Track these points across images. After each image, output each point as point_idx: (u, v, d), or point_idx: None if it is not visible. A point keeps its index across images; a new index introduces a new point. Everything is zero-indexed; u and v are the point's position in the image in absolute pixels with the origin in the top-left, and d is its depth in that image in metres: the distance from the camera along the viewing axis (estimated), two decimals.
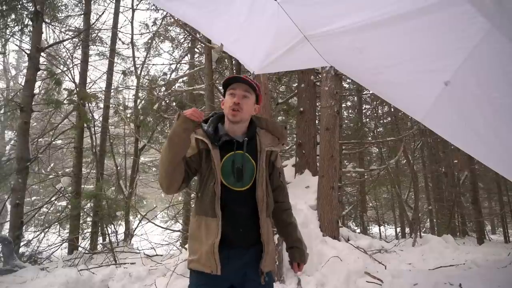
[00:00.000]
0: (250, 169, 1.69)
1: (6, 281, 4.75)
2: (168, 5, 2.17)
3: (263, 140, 1.76)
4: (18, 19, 7.06)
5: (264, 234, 1.66)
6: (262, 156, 1.72)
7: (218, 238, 1.59)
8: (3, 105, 7.36)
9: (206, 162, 1.69)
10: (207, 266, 1.60)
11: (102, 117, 8.92)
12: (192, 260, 1.67)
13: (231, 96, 1.72)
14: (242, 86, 1.73)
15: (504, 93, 1.74)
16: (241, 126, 1.75)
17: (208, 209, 1.63)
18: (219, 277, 1.60)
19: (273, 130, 1.82)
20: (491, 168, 2.36)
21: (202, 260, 1.62)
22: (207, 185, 1.66)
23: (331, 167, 5.59)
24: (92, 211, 7.64)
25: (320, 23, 2.00)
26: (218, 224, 1.61)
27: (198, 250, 1.64)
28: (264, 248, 1.66)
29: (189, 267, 1.70)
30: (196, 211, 1.72)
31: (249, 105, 1.73)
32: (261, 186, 1.68)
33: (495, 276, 4.29)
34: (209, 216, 1.63)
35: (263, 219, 1.67)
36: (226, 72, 8.30)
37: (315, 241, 4.95)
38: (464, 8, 1.47)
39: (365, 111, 12.22)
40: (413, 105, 2.32)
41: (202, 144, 1.71)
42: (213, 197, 1.63)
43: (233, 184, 1.66)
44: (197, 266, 1.64)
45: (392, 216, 15.19)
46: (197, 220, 1.68)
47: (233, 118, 1.70)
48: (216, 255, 1.58)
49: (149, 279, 4.65)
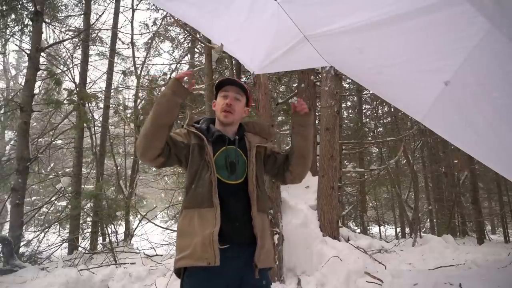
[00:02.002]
0: (242, 163, 1.71)
1: (6, 281, 4.75)
2: (168, 5, 2.17)
3: (251, 139, 1.81)
4: (18, 19, 7.06)
5: (257, 227, 1.61)
6: (252, 152, 1.75)
7: (217, 227, 1.52)
8: (3, 105, 7.36)
9: (199, 155, 1.67)
10: (203, 259, 1.49)
11: (102, 117, 8.92)
12: (181, 258, 1.55)
13: (223, 98, 1.77)
14: (234, 88, 1.78)
15: (504, 93, 1.74)
16: (232, 128, 1.79)
17: (204, 199, 1.58)
18: (215, 275, 1.51)
19: (260, 131, 1.87)
20: (491, 168, 2.36)
21: (196, 254, 1.51)
22: (201, 176, 1.63)
23: (331, 167, 5.59)
24: (92, 211, 7.65)
25: (320, 23, 2.00)
26: (216, 213, 1.54)
27: (189, 245, 1.54)
28: (258, 242, 1.59)
29: (178, 266, 1.58)
30: (186, 206, 1.64)
31: (240, 108, 1.79)
32: (251, 180, 1.68)
33: (495, 276, 4.29)
34: (204, 207, 1.57)
35: (255, 212, 1.63)
36: (226, 72, 8.30)
37: (315, 241, 4.95)
38: (463, 8, 1.46)
39: (365, 111, 12.23)
40: (413, 105, 2.32)
41: (195, 139, 1.71)
42: (210, 186, 1.59)
43: (227, 177, 1.66)
44: (189, 262, 1.52)
45: (392, 216, 15.18)
46: (187, 214, 1.61)
47: (225, 119, 1.74)
48: (215, 244, 1.49)
49: (149, 279, 4.66)
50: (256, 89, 5.26)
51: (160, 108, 1.60)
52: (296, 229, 5.01)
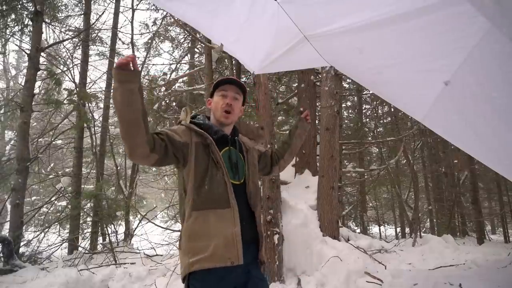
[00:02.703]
0: (241, 164, 1.74)
1: (6, 281, 4.76)
2: (168, 5, 2.17)
3: (244, 141, 1.86)
4: (18, 19, 7.07)
5: (259, 226, 1.71)
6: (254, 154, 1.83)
7: (238, 227, 1.54)
8: (3, 105, 7.37)
9: (204, 154, 1.62)
10: (226, 259, 1.48)
11: (102, 117, 8.93)
12: (198, 260, 1.49)
13: (222, 97, 1.74)
14: (233, 88, 1.76)
15: (503, 93, 1.74)
16: (229, 128, 1.79)
17: (222, 200, 1.57)
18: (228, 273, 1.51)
19: (247, 133, 1.92)
20: (491, 168, 2.36)
21: (217, 255, 1.48)
22: (213, 177, 1.59)
23: (331, 167, 5.59)
24: (92, 211, 7.65)
25: (320, 23, 2.00)
26: (234, 214, 1.56)
27: (207, 247, 1.50)
28: (261, 240, 1.69)
29: (194, 269, 1.50)
30: (197, 207, 1.56)
31: (238, 107, 1.79)
32: (252, 180, 1.74)
33: (495, 276, 4.29)
34: (221, 207, 1.55)
35: (258, 211, 1.72)
36: (226, 72, 8.30)
37: (315, 241, 4.95)
38: (463, 8, 1.47)
39: (365, 111, 12.22)
40: (413, 105, 2.32)
41: (197, 137, 1.65)
42: (225, 187, 1.59)
43: (233, 178, 1.67)
44: (208, 264, 1.48)
45: (392, 216, 15.19)
46: (199, 216, 1.55)
47: (225, 120, 1.73)
48: (238, 243, 1.51)
49: (149, 279, 4.66)
50: (256, 89, 5.26)
51: (117, 104, 1.41)
52: (296, 229, 5.01)
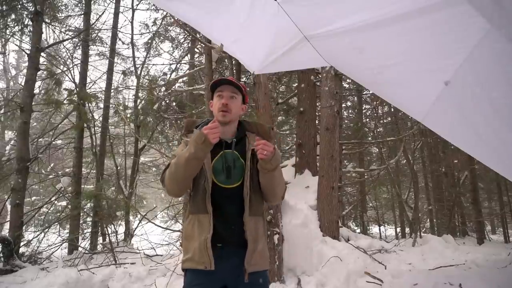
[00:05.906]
0: (240, 167, 1.75)
1: (6, 281, 4.76)
2: (168, 5, 2.18)
3: (252, 141, 1.80)
4: (18, 19, 7.08)
5: (248, 231, 1.67)
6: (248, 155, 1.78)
7: (210, 233, 1.62)
8: (3, 105, 7.37)
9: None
10: (201, 263, 1.61)
11: (102, 117, 8.91)
12: (186, 260, 1.69)
13: (218, 98, 1.80)
14: (229, 87, 1.80)
15: (504, 93, 1.74)
16: (231, 127, 1.81)
17: (200, 206, 1.68)
18: (213, 276, 1.62)
19: (263, 134, 1.86)
20: (491, 168, 2.36)
21: (195, 257, 1.63)
22: (199, 184, 1.72)
23: (331, 167, 5.59)
24: (92, 211, 7.63)
25: (320, 23, 2.00)
26: (210, 220, 1.64)
27: (191, 249, 1.66)
28: (248, 246, 1.65)
29: (183, 267, 1.71)
30: (189, 211, 1.76)
31: (236, 106, 1.81)
32: (246, 183, 1.72)
33: (495, 276, 4.30)
34: (201, 213, 1.67)
35: (247, 216, 1.68)
36: (226, 72, 8.31)
37: (315, 241, 4.95)
38: (464, 8, 1.47)
39: (365, 111, 12.23)
40: (413, 105, 2.32)
41: None
42: (204, 194, 1.68)
43: (224, 182, 1.72)
44: (190, 265, 1.65)
45: (392, 216, 15.18)
46: (191, 219, 1.72)
47: (222, 118, 1.76)
48: (209, 250, 1.61)
49: (149, 279, 4.66)
50: (256, 89, 5.26)
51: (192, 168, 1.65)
52: (296, 229, 5.01)
